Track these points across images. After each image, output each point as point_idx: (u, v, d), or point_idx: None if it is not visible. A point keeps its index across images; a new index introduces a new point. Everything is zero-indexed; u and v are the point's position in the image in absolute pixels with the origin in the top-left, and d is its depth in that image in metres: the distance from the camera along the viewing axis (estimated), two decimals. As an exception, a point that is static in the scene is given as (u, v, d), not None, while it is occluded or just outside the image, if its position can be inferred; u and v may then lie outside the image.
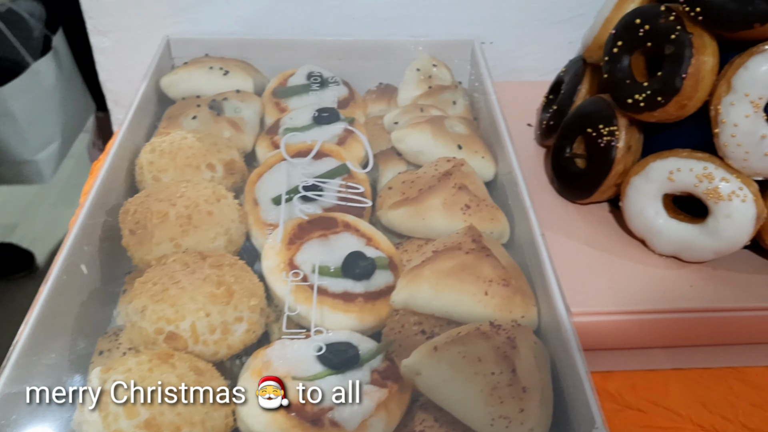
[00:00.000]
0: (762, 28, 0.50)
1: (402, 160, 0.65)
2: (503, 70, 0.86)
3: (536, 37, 0.83)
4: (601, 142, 0.60)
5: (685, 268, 0.57)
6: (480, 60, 0.75)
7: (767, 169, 0.53)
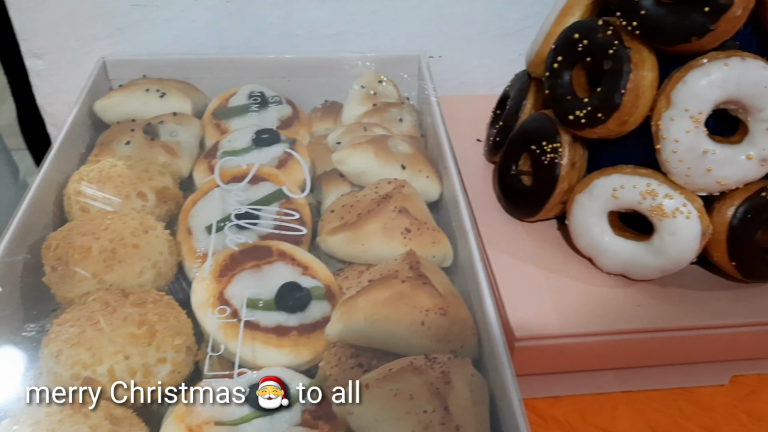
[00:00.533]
0: (699, 41, 0.49)
1: (346, 182, 0.63)
2: (453, 84, 0.85)
3: (485, 51, 0.82)
4: (545, 159, 0.58)
5: (632, 286, 0.56)
6: (425, 74, 0.73)
7: (710, 185, 0.52)
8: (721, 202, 0.53)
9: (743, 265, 0.54)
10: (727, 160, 0.51)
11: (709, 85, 0.49)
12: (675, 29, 0.49)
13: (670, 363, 0.55)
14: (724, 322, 0.53)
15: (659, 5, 0.50)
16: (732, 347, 0.55)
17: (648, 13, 0.50)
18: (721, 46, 0.51)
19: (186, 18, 0.76)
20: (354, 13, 0.78)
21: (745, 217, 0.52)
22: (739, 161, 0.51)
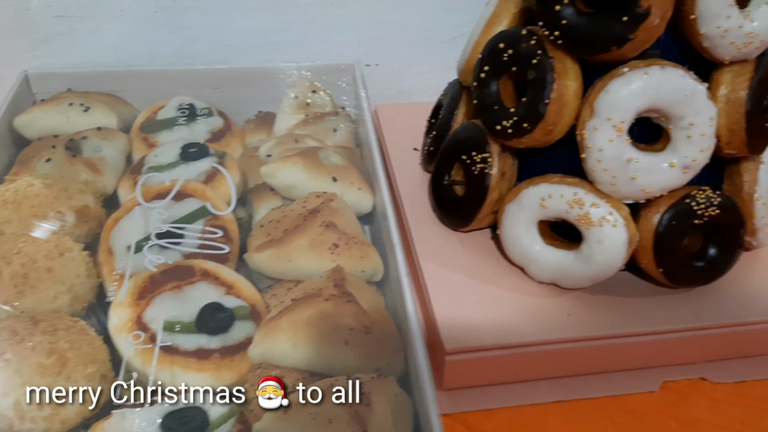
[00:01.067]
0: (620, 50, 0.49)
1: (277, 195, 0.62)
2: (392, 92, 0.84)
3: (422, 58, 0.81)
4: (475, 169, 0.58)
5: (564, 295, 0.56)
6: (359, 83, 0.73)
7: (635, 193, 0.52)
8: (647, 210, 0.53)
9: (670, 272, 0.54)
10: (650, 168, 0.51)
11: (630, 94, 0.49)
12: (595, 39, 0.49)
13: (602, 371, 0.55)
14: (653, 328, 0.53)
15: (580, 15, 0.50)
16: (662, 353, 0.55)
17: (569, 23, 0.50)
18: (643, 55, 0.51)
19: (113, 28, 0.74)
20: (288, 22, 0.77)
21: (670, 224, 0.53)
22: (662, 169, 0.51)
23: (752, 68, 0.51)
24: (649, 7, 0.47)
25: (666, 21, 0.49)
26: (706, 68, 0.53)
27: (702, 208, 0.53)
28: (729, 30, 0.49)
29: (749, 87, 0.51)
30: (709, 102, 0.50)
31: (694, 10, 0.48)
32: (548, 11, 0.50)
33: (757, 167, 0.56)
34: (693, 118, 0.50)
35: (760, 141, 0.53)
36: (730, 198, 0.54)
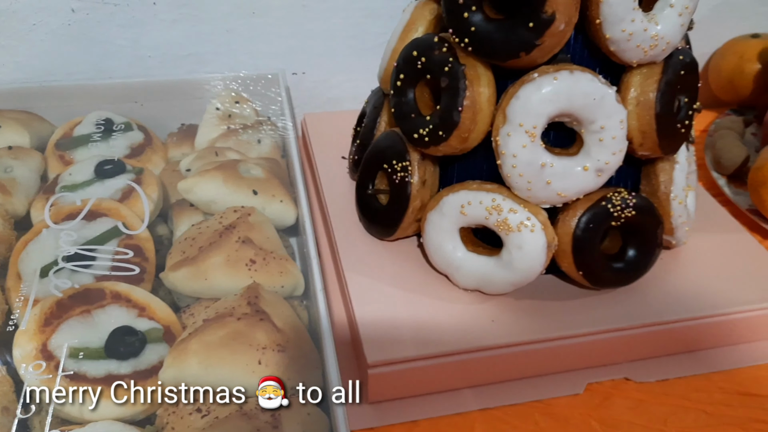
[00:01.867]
0: (529, 56, 0.49)
1: (198, 210, 0.61)
2: (320, 101, 0.83)
3: (349, 65, 0.81)
4: (396, 178, 0.58)
5: (488, 301, 0.56)
6: (283, 93, 0.72)
7: (552, 197, 0.52)
8: (565, 213, 0.54)
9: (590, 274, 0.54)
10: (565, 172, 0.52)
11: (540, 100, 0.49)
12: (504, 45, 0.49)
13: (527, 376, 0.55)
14: (576, 331, 0.54)
15: (489, 21, 0.50)
16: (586, 355, 0.55)
17: (477, 30, 0.50)
18: (553, 59, 0.51)
19: (26, 44, 0.72)
20: (208, 33, 0.75)
21: (587, 227, 0.53)
22: (576, 173, 0.52)
23: (660, 70, 0.52)
24: (554, 13, 0.47)
25: (572, 26, 0.49)
26: (617, 71, 0.53)
27: (618, 210, 0.53)
28: (634, 33, 0.49)
29: (658, 89, 0.52)
30: (618, 105, 0.51)
31: (598, 15, 0.48)
32: (457, 18, 0.50)
33: (672, 167, 0.57)
34: (603, 121, 0.50)
35: (671, 142, 0.54)
36: (646, 199, 0.55)
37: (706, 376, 0.55)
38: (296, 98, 0.83)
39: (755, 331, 0.57)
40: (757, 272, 0.59)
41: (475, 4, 0.49)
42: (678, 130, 0.54)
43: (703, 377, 0.55)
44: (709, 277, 0.58)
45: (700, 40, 0.89)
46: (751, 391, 0.54)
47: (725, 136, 0.76)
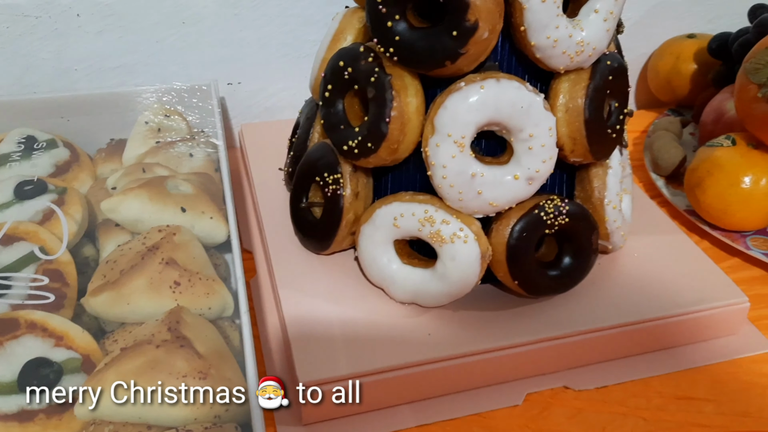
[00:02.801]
0: (455, 65, 0.48)
1: (124, 230, 0.58)
2: (258, 110, 0.81)
3: (285, 73, 0.79)
4: (329, 191, 0.56)
5: (425, 314, 0.55)
6: (215, 103, 0.70)
7: (484, 207, 0.52)
8: (498, 223, 0.53)
9: (526, 283, 0.54)
10: (495, 181, 0.51)
11: (468, 109, 0.49)
12: (428, 54, 0.48)
13: (465, 389, 0.54)
14: (514, 341, 0.53)
15: (413, 30, 0.49)
16: (524, 365, 0.55)
17: (402, 39, 0.49)
18: (481, 66, 0.51)
19: (-59, 59, 0.69)
20: (137, 43, 0.73)
21: (521, 235, 0.52)
22: (507, 182, 0.51)
23: (588, 76, 0.52)
24: (477, 21, 0.46)
25: (497, 33, 0.48)
26: (546, 77, 0.53)
27: (551, 218, 0.53)
28: (559, 40, 0.48)
29: (586, 95, 0.51)
30: (546, 112, 0.50)
31: (523, 22, 0.48)
32: (381, 28, 0.49)
33: (606, 172, 0.56)
34: (532, 129, 0.50)
35: (602, 147, 0.54)
36: (579, 205, 0.54)
37: (644, 381, 0.55)
38: (233, 108, 0.81)
39: (691, 334, 0.57)
40: (693, 274, 0.59)
41: (398, 12, 0.48)
42: (609, 136, 0.54)
43: (641, 382, 0.55)
44: (646, 281, 0.58)
45: (638, 41, 0.90)
46: (688, 395, 0.54)
47: (662, 137, 0.76)
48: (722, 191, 0.64)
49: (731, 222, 0.65)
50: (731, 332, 0.58)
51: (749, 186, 0.63)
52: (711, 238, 0.68)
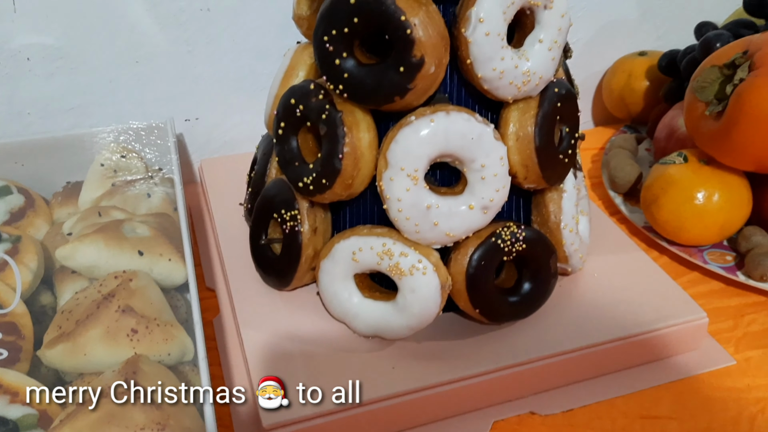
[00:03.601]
0: (404, 100, 0.49)
1: (82, 276, 0.58)
2: (217, 145, 0.81)
3: (242, 107, 0.79)
4: (287, 228, 0.56)
5: (388, 347, 0.55)
6: (171, 141, 0.69)
7: (441, 238, 0.52)
8: (456, 252, 0.53)
9: (487, 311, 0.54)
10: (451, 212, 0.51)
11: (419, 143, 0.49)
12: (377, 90, 0.49)
13: (431, 421, 0.54)
14: (478, 370, 0.53)
15: (361, 67, 0.49)
16: (490, 393, 0.55)
17: (350, 76, 0.49)
18: (431, 99, 0.51)
19: None
20: (90, 84, 0.72)
21: (479, 264, 0.52)
22: (462, 212, 0.51)
23: (536, 104, 0.52)
24: (423, 56, 0.47)
25: (443, 67, 0.49)
26: (496, 106, 0.53)
27: (509, 245, 0.53)
28: (505, 71, 0.49)
29: (535, 123, 0.52)
30: (497, 142, 0.50)
31: (468, 55, 0.48)
32: (329, 66, 0.49)
33: (561, 196, 0.57)
34: (483, 159, 0.50)
35: (555, 173, 0.54)
36: (536, 230, 0.55)
37: (609, 402, 0.55)
38: (192, 144, 0.81)
39: (653, 352, 0.58)
40: (653, 292, 0.60)
41: (346, 50, 0.49)
42: (561, 161, 0.55)
43: (606, 403, 0.55)
44: (607, 301, 0.59)
45: (591, 60, 0.91)
46: (652, 414, 0.54)
47: (618, 155, 0.78)
48: (677, 208, 0.65)
49: (687, 237, 0.66)
50: (692, 348, 0.59)
51: (702, 202, 0.64)
52: (669, 253, 0.69)
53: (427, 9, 0.47)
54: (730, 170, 0.65)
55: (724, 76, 0.63)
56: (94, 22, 0.69)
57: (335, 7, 0.48)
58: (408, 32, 0.46)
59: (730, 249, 0.68)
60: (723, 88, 0.63)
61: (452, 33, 0.49)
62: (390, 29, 0.46)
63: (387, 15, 0.46)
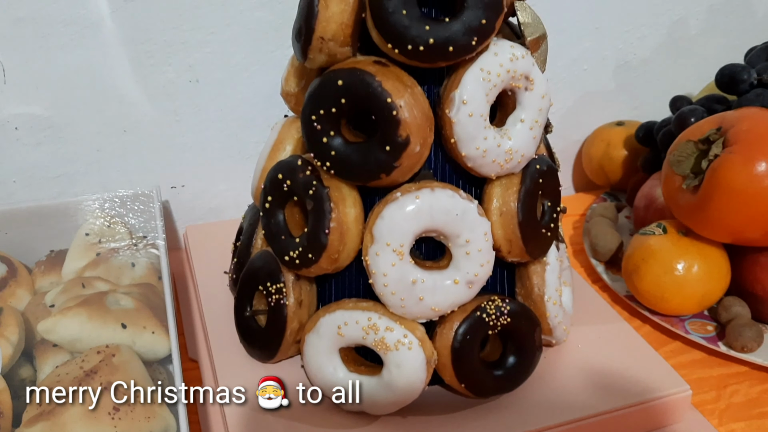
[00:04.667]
0: (389, 177, 0.50)
1: (63, 350, 0.57)
2: (202, 212, 0.82)
3: (228, 174, 0.80)
4: (272, 300, 0.56)
5: (373, 422, 0.54)
6: (156, 210, 0.69)
7: (426, 312, 0.52)
8: (442, 327, 0.53)
9: (472, 385, 0.54)
10: (436, 286, 0.52)
11: (404, 219, 0.50)
12: (364, 168, 0.50)
13: (417, 499, 0.53)
14: (464, 445, 0.53)
15: (348, 145, 0.50)
16: (476, 469, 0.54)
17: (337, 154, 0.50)
18: (416, 175, 0.52)
19: None
20: (77, 153, 0.73)
21: (465, 338, 0.53)
22: (447, 287, 0.52)
23: (519, 180, 0.53)
24: (408, 136, 0.48)
25: (428, 146, 0.50)
26: (480, 182, 0.55)
27: (493, 319, 0.53)
28: (488, 150, 0.50)
29: (518, 199, 0.53)
30: (480, 218, 0.51)
31: (452, 135, 0.50)
32: (317, 144, 0.50)
33: (544, 269, 0.58)
34: (468, 235, 0.51)
35: (538, 247, 0.55)
36: (520, 304, 0.55)
37: (596, 477, 0.55)
38: (177, 211, 0.81)
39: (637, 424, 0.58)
40: (636, 364, 0.60)
41: (333, 129, 0.50)
42: (544, 235, 0.56)
43: (593, 479, 0.55)
44: (590, 373, 0.59)
45: (571, 129, 0.94)
46: (639, 490, 0.54)
47: (599, 224, 0.79)
48: (657, 278, 0.66)
49: (668, 307, 0.67)
50: (676, 420, 0.59)
51: (682, 273, 0.65)
52: (652, 322, 0.70)
53: (413, 91, 0.48)
54: (708, 241, 0.66)
55: (699, 151, 0.65)
56: (84, 93, 0.70)
57: (323, 87, 0.49)
58: (394, 113, 0.47)
59: (711, 319, 0.69)
60: (698, 162, 0.65)
61: (437, 113, 0.51)
62: (376, 110, 0.48)
63: (373, 97, 0.47)
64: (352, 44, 0.50)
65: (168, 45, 0.71)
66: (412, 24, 0.46)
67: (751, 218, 0.62)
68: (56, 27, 0.66)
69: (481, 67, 0.49)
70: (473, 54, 0.48)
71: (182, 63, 0.72)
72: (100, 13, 0.67)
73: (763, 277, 0.65)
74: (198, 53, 0.72)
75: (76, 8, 0.66)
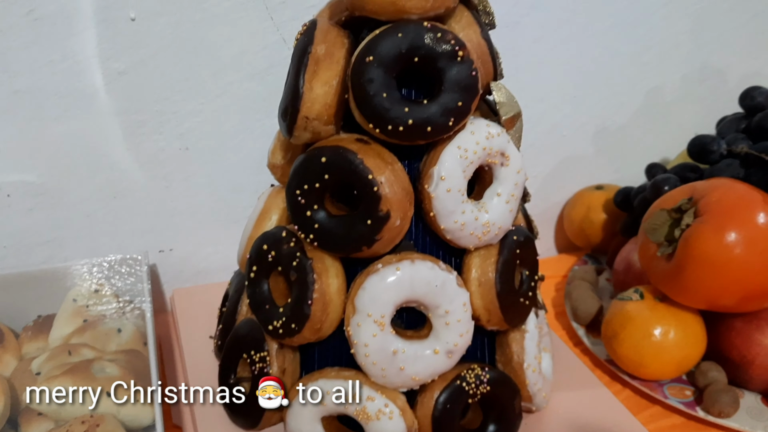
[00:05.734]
0: (370, 250, 0.51)
1: (48, 419, 0.57)
2: (190, 274, 0.83)
3: (217, 238, 0.81)
4: (255, 369, 0.57)
5: (355, 491, 0.55)
6: (144, 275, 0.70)
7: (407, 382, 0.53)
8: (422, 395, 0.54)
9: (453, 454, 0.54)
10: (416, 356, 0.53)
11: (385, 290, 0.51)
12: (346, 241, 0.51)
13: None
14: None
15: (331, 218, 0.52)
16: None
17: (321, 227, 0.52)
18: (397, 246, 0.54)
19: None
20: (67, 219, 0.74)
21: (445, 407, 0.54)
22: (427, 356, 0.53)
23: (497, 251, 0.55)
24: (389, 211, 0.50)
25: (408, 220, 0.52)
26: (459, 252, 0.56)
27: (473, 387, 0.54)
28: (466, 223, 0.52)
29: (496, 269, 0.55)
30: (460, 289, 0.53)
31: (431, 209, 0.52)
32: (301, 217, 0.52)
33: (523, 337, 0.59)
34: (447, 305, 0.52)
35: (516, 315, 0.57)
36: (500, 372, 0.57)
37: None
38: (165, 274, 0.82)
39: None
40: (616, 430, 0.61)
41: (317, 203, 0.52)
42: (522, 304, 0.57)
43: None
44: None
45: (552, 192, 0.96)
46: None
47: (579, 287, 0.80)
48: (635, 344, 0.67)
49: (647, 372, 0.68)
50: (656, 487, 0.60)
51: (659, 338, 0.66)
52: (631, 386, 0.71)
53: (393, 167, 0.50)
54: (684, 307, 0.68)
55: (673, 219, 0.68)
56: (77, 161, 0.72)
57: (307, 164, 0.51)
58: (375, 189, 0.49)
59: (689, 383, 0.70)
60: (672, 230, 0.67)
61: (416, 187, 0.53)
62: (358, 186, 0.50)
63: (356, 173, 0.49)
64: (336, 123, 0.52)
65: (160, 114, 0.73)
66: (392, 106, 0.48)
67: (724, 286, 0.63)
68: (51, 99, 0.68)
69: (458, 145, 0.51)
70: (450, 133, 0.50)
71: (173, 132, 0.74)
72: (94, 85, 0.69)
73: (738, 342, 0.67)
74: (188, 122, 0.74)
75: (72, 81, 0.68)
